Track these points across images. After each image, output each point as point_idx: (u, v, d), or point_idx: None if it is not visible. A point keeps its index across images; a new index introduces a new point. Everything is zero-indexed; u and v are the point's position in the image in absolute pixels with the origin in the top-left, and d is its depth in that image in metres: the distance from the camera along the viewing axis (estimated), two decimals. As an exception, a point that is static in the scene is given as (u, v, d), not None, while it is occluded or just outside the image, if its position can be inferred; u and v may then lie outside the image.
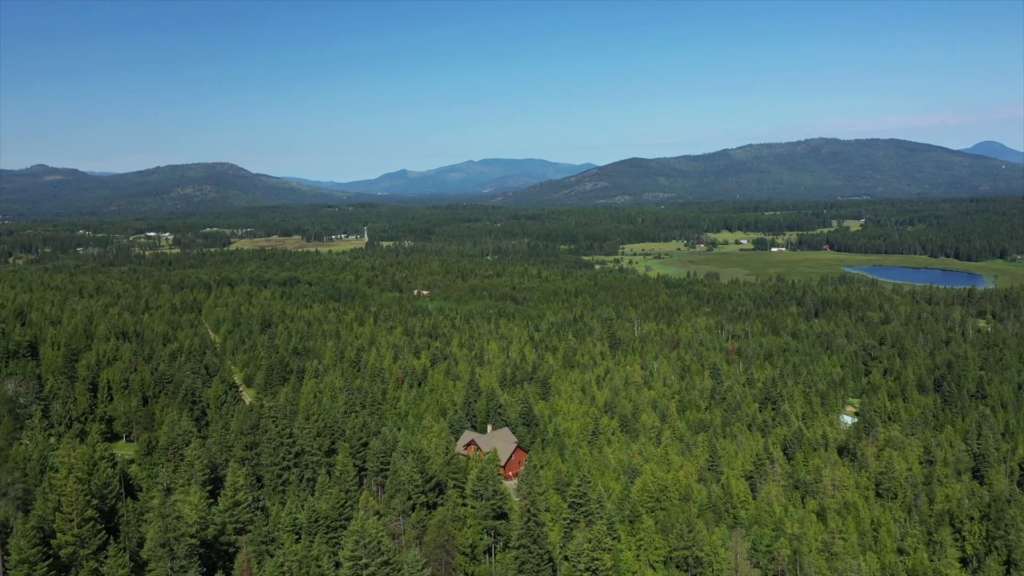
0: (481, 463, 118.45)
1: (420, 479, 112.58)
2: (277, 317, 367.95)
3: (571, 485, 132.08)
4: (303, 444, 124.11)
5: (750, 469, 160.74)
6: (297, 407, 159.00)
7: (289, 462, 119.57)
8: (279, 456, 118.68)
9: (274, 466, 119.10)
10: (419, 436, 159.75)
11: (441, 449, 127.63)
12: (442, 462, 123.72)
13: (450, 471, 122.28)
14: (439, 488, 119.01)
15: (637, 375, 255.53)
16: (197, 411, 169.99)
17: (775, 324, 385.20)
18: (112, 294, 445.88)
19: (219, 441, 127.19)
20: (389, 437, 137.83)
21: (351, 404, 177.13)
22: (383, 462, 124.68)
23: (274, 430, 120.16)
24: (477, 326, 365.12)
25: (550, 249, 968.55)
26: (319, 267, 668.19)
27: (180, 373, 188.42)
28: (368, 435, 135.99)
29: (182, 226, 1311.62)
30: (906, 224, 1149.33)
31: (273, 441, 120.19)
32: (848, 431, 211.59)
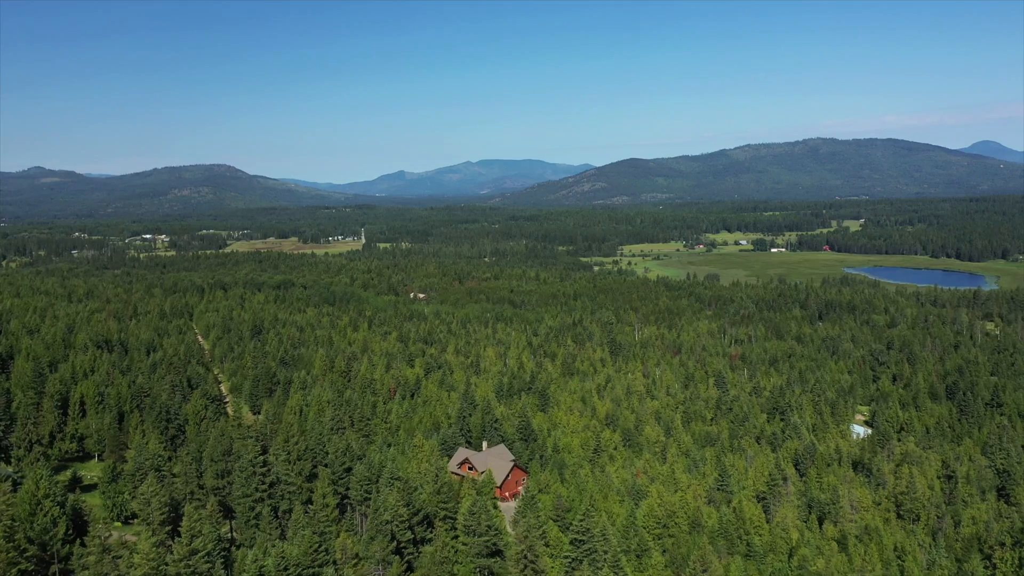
0: (473, 495, 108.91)
1: (406, 512, 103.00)
2: (269, 322, 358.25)
3: (572, 512, 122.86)
4: (279, 472, 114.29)
5: (762, 489, 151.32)
6: (278, 426, 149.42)
7: (262, 493, 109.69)
8: (251, 487, 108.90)
9: (245, 498, 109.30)
10: (409, 457, 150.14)
11: (430, 476, 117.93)
12: (431, 491, 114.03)
13: (439, 500, 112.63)
14: (428, 521, 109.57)
15: (639, 384, 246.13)
16: (173, 429, 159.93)
17: (779, 328, 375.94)
18: (101, 299, 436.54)
19: (185, 471, 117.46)
20: (375, 462, 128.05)
21: (338, 420, 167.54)
22: (367, 490, 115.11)
23: (247, 457, 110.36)
24: (474, 331, 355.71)
25: (548, 250, 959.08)
26: (314, 270, 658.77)
27: (159, 386, 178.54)
28: (352, 459, 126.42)
29: (178, 228, 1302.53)
30: (906, 224, 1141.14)
31: (245, 470, 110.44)
32: (861, 443, 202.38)
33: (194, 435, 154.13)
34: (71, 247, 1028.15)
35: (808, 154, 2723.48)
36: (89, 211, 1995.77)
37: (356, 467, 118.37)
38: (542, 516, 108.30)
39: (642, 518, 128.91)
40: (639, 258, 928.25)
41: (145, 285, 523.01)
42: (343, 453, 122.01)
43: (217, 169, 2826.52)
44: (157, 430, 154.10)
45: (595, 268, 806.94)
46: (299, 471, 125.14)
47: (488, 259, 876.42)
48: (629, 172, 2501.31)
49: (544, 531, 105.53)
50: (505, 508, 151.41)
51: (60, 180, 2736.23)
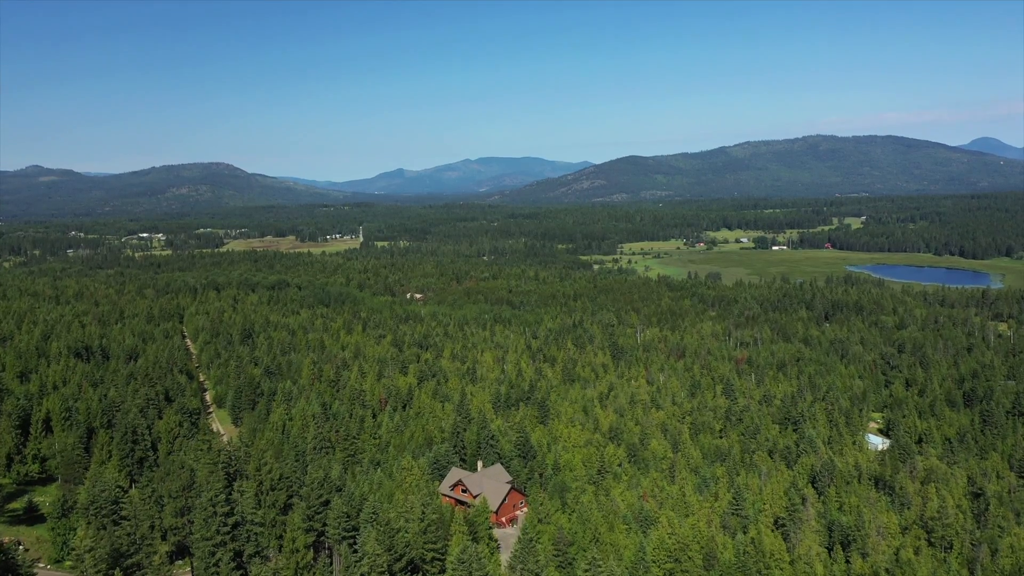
0: (464, 535, 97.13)
1: (388, 558, 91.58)
2: (260, 325, 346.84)
3: (575, 546, 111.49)
4: (243, 511, 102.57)
5: (780, 514, 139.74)
6: (253, 448, 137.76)
7: (224, 536, 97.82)
8: (211, 529, 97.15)
9: (205, 541, 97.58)
10: (396, 481, 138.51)
11: (416, 512, 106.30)
12: (417, 530, 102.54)
13: (426, 541, 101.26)
14: (413, 567, 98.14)
15: (643, 392, 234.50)
16: (140, 450, 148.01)
17: (785, 330, 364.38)
18: (90, 301, 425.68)
19: (136, 513, 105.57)
20: (356, 494, 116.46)
21: (322, 439, 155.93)
22: (346, 528, 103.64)
23: (207, 495, 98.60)
24: (471, 333, 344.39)
25: (547, 249, 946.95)
26: (310, 269, 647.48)
27: (131, 401, 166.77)
28: (330, 491, 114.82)
29: (175, 227, 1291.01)
30: (908, 221, 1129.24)
31: (205, 510, 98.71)
32: (880, 456, 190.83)
33: (165, 456, 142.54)
34: (67, 246, 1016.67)
35: (808, 151, 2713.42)
36: (87, 210, 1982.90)
37: (334, 501, 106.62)
38: (542, 559, 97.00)
39: (651, 551, 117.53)
40: (639, 256, 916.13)
41: (137, 286, 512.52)
42: (320, 484, 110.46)
43: (216, 167, 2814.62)
44: (122, 452, 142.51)
45: (595, 267, 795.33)
46: (272, 502, 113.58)
47: (487, 258, 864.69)
48: (628, 169, 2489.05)
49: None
50: (501, 536, 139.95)
51: (58, 179, 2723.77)
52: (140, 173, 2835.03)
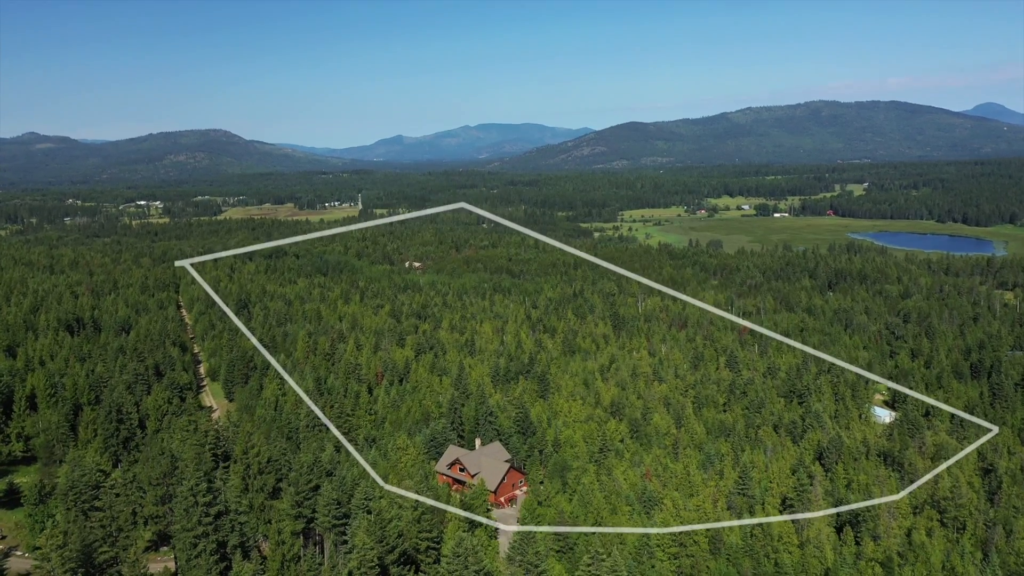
0: (460, 531, 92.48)
1: (380, 549, 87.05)
2: (256, 296, 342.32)
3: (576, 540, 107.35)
4: (227, 500, 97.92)
5: (788, 494, 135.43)
6: (241, 429, 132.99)
7: (206, 527, 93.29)
8: (192, 520, 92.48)
9: (186, 532, 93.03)
10: (392, 461, 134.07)
11: (410, 500, 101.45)
12: (411, 518, 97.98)
13: (420, 530, 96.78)
14: (407, 559, 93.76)
15: (645, 364, 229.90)
16: (126, 430, 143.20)
17: (788, 299, 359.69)
18: (84, 270, 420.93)
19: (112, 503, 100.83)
20: (347, 479, 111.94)
21: (315, 416, 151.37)
22: (336, 516, 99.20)
23: (188, 484, 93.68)
24: (470, 303, 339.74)
25: (548, 216, 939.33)
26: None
27: (118, 377, 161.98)
28: (320, 475, 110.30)
29: (173, 194, 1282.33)
30: (910, 188, 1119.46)
31: (185, 499, 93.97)
32: (886, 430, 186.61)
33: (153, 433, 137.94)
34: (64, 214, 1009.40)
35: (810, 117, 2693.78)
36: (84, 177, 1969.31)
37: (324, 486, 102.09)
38: (542, 549, 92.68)
39: (655, 536, 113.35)
40: (640, 224, 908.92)
41: (134, 254, 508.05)
42: (309, 469, 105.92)
43: (213, 134, 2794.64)
44: (106, 431, 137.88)
45: (595, 234, 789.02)
46: (261, 486, 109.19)
47: (486, 225, 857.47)
48: (629, 136, 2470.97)
49: (544, 571, 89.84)
50: (500, 516, 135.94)
51: (55, 146, 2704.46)
52: (137, 140, 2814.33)
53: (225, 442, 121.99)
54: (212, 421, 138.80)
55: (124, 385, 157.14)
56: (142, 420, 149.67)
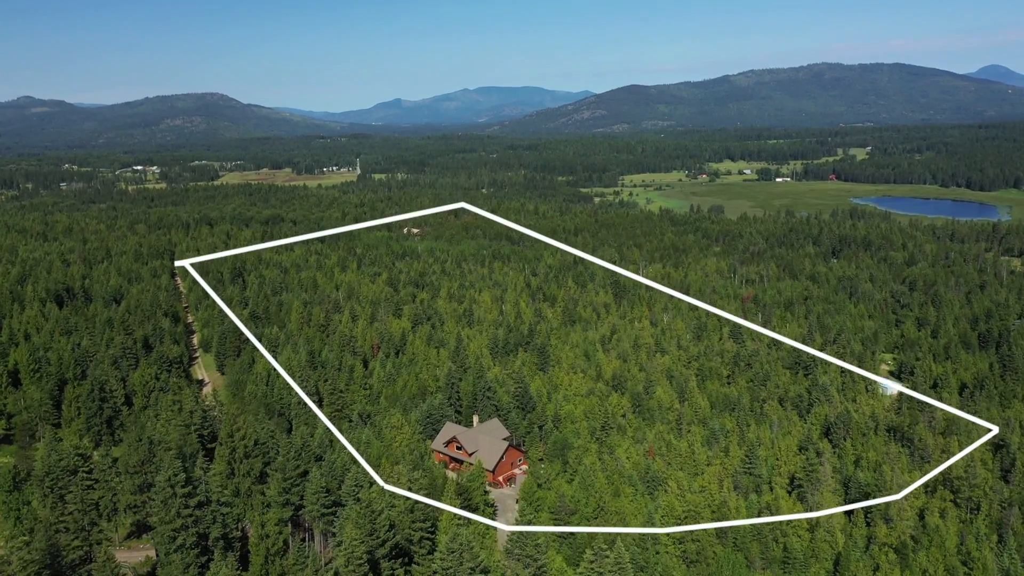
0: (455, 527, 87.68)
1: (371, 543, 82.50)
2: (251, 263, 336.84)
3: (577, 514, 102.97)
4: (209, 490, 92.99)
5: (796, 472, 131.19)
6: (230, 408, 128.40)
7: (186, 518, 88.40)
8: (171, 512, 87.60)
9: (164, 525, 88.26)
10: (386, 442, 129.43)
11: (404, 482, 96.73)
12: (404, 508, 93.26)
13: (413, 520, 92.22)
14: (400, 551, 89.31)
15: (647, 334, 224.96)
16: (110, 408, 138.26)
17: (791, 266, 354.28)
18: (78, 237, 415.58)
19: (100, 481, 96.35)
20: (336, 465, 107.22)
21: (307, 393, 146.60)
22: (325, 505, 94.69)
23: (166, 472, 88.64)
24: (469, 271, 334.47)
25: (547, 181, 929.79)
26: (305, 204, 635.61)
27: (105, 350, 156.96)
28: (309, 460, 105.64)
29: (170, 159, 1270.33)
30: (914, 152, 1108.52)
31: (163, 490, 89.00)
32: (895, 405, 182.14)
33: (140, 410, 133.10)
34: (60, 179, 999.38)
35: (812, 80, 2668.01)
36: (80, 142, 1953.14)
37: (313, 472, 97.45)
38: (541, 541, 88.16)
39: (660, 519, 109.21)
40: (640, 188, 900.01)
41: (129, 221, 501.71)
42: (297, 454, 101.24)
43: (210, 98, 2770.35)
44: (89, 410, 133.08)
45: (596, 199, 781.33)
46: (247, 470, 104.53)
47: (485, 191, 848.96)
48: (629, 99, 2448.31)
49: (544, 565, 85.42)
50: (499, 496, 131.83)
51: (50, 110, 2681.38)
52: (133, 104, 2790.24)
53: (211, 423, 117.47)
54: (200, 399, 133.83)
55: (110, 360, 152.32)
56: (129, 397, 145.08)
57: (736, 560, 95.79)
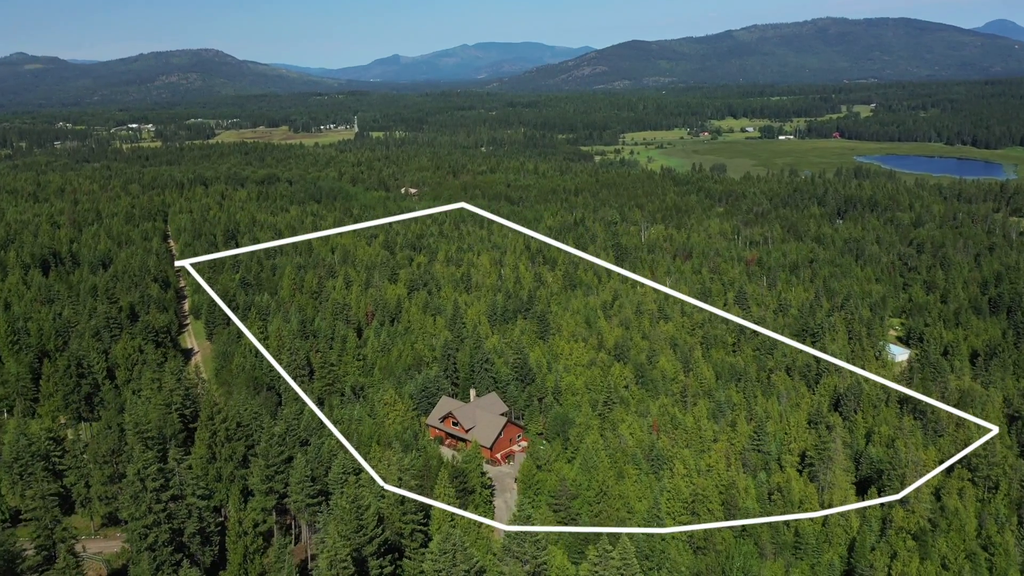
0: (446, 528, 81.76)
1: (359, 540, 77.10)
2: (245, 225, 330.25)
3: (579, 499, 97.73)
4: (183, 482, 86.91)
5: (806, 448, 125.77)
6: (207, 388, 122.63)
7: (158, 514, 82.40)
8: (141, 507, 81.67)
9: (136, 520, 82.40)
10: (378, 420, 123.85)
11: (392, 478, 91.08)
12: (395, 499, 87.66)
13: (404, 512, 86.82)
14: (390, 548, 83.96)
15: (649, 300, 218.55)
16: (88, 384, 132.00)
17: (796, 227, 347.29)
18: (70, 198, 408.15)
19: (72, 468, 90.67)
20: (324, 450, 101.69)
21: (296, 366, 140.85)
22: (310, 494, 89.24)
23: (135, 465, 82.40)
24: (468, 233, 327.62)
25: (547, 139, 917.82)
26: (301, 163, 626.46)
27: (88, 320, 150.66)
28: (293, 445, 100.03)
29: (165, 117, 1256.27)
30: (919, 109, 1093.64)
31: (133, 484, 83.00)
32: (906, 375, 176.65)
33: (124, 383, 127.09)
34: (54, 138, 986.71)
35: (816, 35, 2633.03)
36: (75, 99, 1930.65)
37: (297, 459, 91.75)
38: (541, 538, 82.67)
39: (666, 503, 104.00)
40: (642, 147, 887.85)
41: (123, 181, 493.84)
42: (280, 440, 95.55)
43: (205, 54, 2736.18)
44: (66, 388, 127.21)
45: (596, 158, 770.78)
46: (229, 454, 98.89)
47: (484, 149, 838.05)
48: (630, 55, 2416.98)
49: (544, 563, 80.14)
50: (497, 475, 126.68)
51: (44, 67, 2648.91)
52: (128, 60, 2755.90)
53: (194, 401, 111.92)
54: (183, 376, 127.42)
55: (91, 331, 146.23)
56: (111, 370, 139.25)
57: (747, 551, 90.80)
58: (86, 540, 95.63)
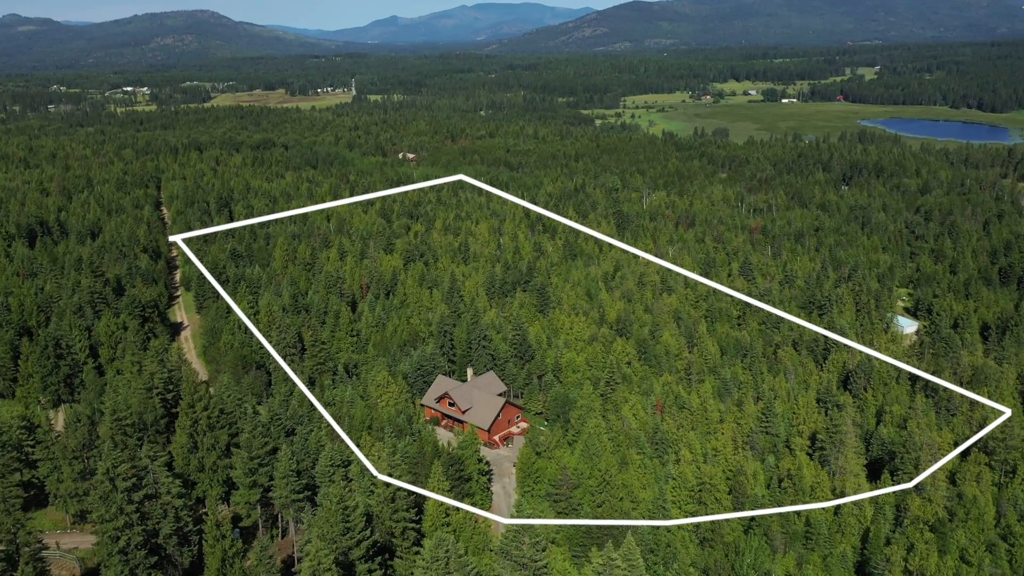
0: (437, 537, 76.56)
1: (345, 543, 72.43)
2: (240, 192, 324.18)
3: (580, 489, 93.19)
4: (156, 481, 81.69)
5: (816, 430, 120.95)
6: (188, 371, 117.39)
7: (129, 515, 77.13)
8: (111, 509, 76.44)
9: (107, 523, 77.37)
10: (370, 403, 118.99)
11: (382, 470, 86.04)
12: (384, 496, 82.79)
13: (394, 511, 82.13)
14: (379, 550, 79.35)
15: (653, 271, 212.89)
16: (67, 366, 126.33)
17: (801, 194, 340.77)
18: (62, 164, 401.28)
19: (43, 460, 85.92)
20: (311, 441, 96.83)
21: (286, 345, 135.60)
22: (295, 490, 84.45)
23: (104, 463, 76.85)
24: (466, 199, 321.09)
25: (547, 102, 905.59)
26: (297, 127, 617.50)
27: (71, 296, 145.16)
28: (279, 435, 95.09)
29: (160, 80, 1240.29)
30: (924, 72, 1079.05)
31: (103, 484, 77.65)
32: (916, 349, 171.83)
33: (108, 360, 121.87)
34: (48, 101, 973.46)
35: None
36: (69, 62, 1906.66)
37: (282, 451, 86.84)
38: (542, 539, 77.94)
39: (671, 492, 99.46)
40: (643, 110, 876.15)
41: (116, 145, 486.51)
42: (265, 430, 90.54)
43: (200, 15, 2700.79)
44: (44, 369, 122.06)
45: (597, 122, 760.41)
46: (212, 443, 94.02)
47: (483, 112, 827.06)
48: (632, 16, 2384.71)
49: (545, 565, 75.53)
50: (495, 459, 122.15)
51: (37, 28, 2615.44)
52: (122, 22, 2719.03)
53: (177, 385, 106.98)
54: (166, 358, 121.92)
55: (74, 308, 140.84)
56: (94, 349, 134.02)
57: (759, 547, 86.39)
58: (61, 535, 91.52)
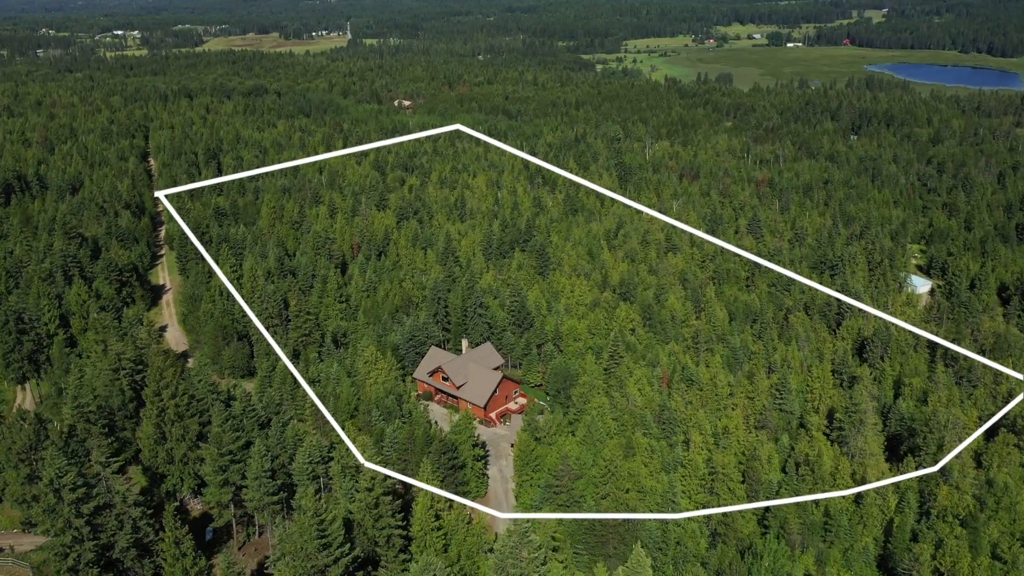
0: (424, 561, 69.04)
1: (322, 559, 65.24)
2: (229, 143, 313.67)
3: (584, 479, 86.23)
4: (108, 489, 73.32)
5: (836, 411, 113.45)
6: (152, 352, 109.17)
7: (79, 529, 69.31)
8: (58, 523, 68.30)
9: (53, 538, 69.46)
10: (356, 383, 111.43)
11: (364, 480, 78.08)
12: (368, 503, 75.15)
13: (378, 518, 74.86)
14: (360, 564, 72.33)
15: (657, 228, 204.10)
16: (31, 340, 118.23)
17: (808, 144, 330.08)
18: (47, 112, 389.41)
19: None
20: (287, 433, 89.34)
21: (269, 315, 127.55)
22: (269, 491, 76.95)
23: (49, 472, 68.28)
24: (463, 150, 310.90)
25: (547, 47, 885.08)
26: (291, 73, 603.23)
27: (42, 261, 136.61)
28: (252, 428, 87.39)
29: (151, 23, 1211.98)
30: (933, 14, 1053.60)
31: (47, 496, 68.89)
32: (934, 315, 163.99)
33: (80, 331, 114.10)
34: (36, 46, 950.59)
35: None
36: (58, 4, 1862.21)
37: (255, 446, 79.27)
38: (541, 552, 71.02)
39: (681, 480, 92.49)
40: (645, 55, 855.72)
41: (104, 92, 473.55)
42: (236, 424, 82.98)
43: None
44: (5, 347, 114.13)
45: (598, 67, 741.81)
46: (181, 434, 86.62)
47: (482, 57, 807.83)
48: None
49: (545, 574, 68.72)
50: (492, 438, 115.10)
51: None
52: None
53: (147, 365, 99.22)
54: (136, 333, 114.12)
55: (43, 274, 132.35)
56: (66, 319, 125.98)
57: (779, 550, 79.68)
58: (18, 535, 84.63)
